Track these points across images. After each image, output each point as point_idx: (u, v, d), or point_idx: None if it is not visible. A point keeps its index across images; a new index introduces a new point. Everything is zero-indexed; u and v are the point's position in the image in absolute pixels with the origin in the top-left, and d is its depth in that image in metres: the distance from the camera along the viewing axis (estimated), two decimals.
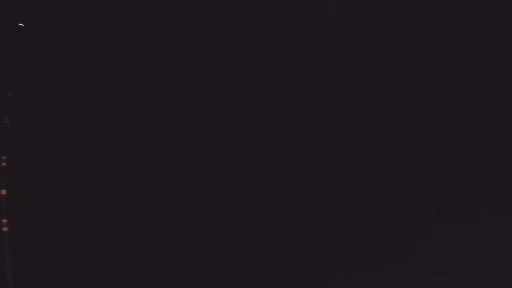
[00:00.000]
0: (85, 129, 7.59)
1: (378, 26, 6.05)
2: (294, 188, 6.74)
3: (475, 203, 5.29)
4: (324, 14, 7.29)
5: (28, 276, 4.73)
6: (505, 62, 6.76)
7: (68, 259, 6.22)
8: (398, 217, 5.82)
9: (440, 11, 6.33)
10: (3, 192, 3.98)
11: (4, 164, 4.04)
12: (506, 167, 7.69)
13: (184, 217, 7.37)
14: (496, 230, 3.72)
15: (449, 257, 3.51)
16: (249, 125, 8.70)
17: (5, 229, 3.91)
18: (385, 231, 5.99)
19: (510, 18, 6.51)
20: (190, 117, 8.02)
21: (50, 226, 6.52)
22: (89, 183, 7.18)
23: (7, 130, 4.20)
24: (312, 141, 7.35)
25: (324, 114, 7.54)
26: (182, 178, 7.57)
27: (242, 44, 8.51)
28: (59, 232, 6.52)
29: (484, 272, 3.62)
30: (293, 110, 7.48)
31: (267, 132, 7.66)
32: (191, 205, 7.43)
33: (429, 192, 7.83)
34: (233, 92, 8.45)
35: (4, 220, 3.92)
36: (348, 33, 6.52)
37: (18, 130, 4.54)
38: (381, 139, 5.35)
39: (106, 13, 7.82)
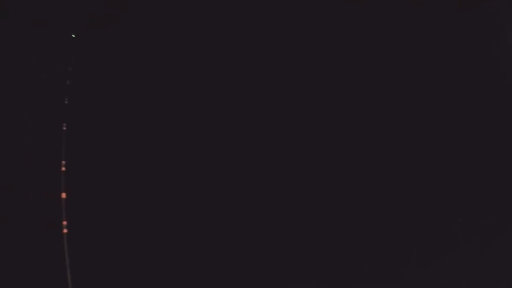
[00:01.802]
0: (141, 133, 7.75)
1: None
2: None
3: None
4: None
5: (86, 275, 4.81)
6: None
7: (125, 259, 6.31)
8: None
9: None
10: (63, 195, 4.04)
11: (63, 168, 4.11)
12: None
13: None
14: None
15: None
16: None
17: (65, 231, 3.97)
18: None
19: None
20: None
21: (108, 227, 6.62)
22: (144, 185, 7.33)
23: (65, 136, 4.27)
24: None
25: None
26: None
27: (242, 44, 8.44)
28: (117, 233, 6.63)
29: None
30: None
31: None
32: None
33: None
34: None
35: (64, 222, 3.99)
36: None
37: (76, 136, 4.59)
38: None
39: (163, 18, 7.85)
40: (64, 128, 4.48)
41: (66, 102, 4.66)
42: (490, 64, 7.34)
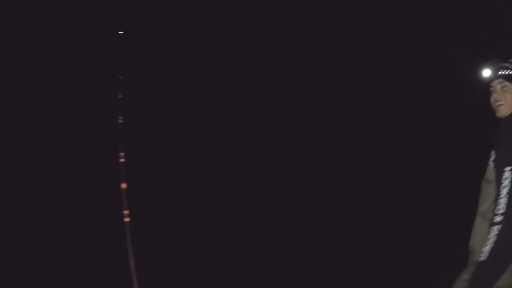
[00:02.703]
0: (196, 124, 7.92)
1: None
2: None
3: None
4: None
5: (149, 263, 4.91)
6: None
7: (184, 247, 6.43)
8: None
9: None
10: (123, 185, 4.13)
11: (122, 160, 4.21)
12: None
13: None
14: None
15: None
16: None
17: (126, 219, 4.05)
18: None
19: None
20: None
21: (168, 216, 6.77)
22: (201, 176, 7.50)
23: (122, 129, 4.41)
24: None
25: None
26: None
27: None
28: (177, 222, 6.77)
29: None
30: None
31: None
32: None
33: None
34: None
35: (126, 212, 4.07)
36: None
37: (133, 128, 4.69)
38: None
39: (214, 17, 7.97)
40: (121, 121, 4.63)
41: (120, 96, 4.82)
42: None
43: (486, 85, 2.96)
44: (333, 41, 8.72)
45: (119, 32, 5.31)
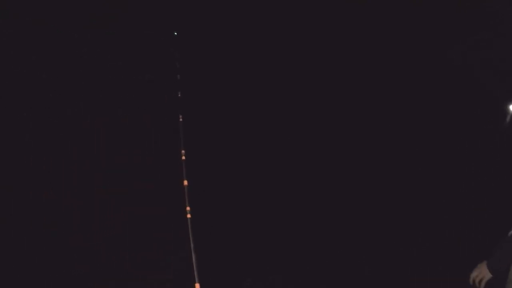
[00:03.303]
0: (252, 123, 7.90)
1: None
2: None
3: None
4: None
5: (209, 258, 4.94)
6: None
7: (243, 243, 6.46)
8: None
9: None
10: (185, 182, 4.15)
11: (184, 157, 4.24)
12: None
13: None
14: None
15: None
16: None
17: (188, 216, 4.08)
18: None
19: None
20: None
21: (227, 212, 6.81)
22: (260, 173, 7.51)
23: (183, 127, 4.45)
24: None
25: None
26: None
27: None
28: (234, 218, 6.81)
29: None
30: None
31: None
32: None
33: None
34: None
35: (188, 208, 4.09)
36: None
37: (193, 127, 4.73)
38: None
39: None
40: (181, 120, 4.70)
41: (179, 95, 4.90)
42: (489, 64, 7.36)
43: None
44: (333, 41, 8.73)
45: (175, 33, 5.40)
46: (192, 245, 4.07)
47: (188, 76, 6.19)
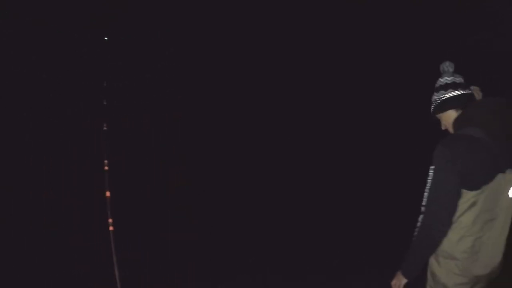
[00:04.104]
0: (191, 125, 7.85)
1: None
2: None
3: None
4: None
5: (133, 273, 4.92)
6: None
7: (172, 256, 6.40)
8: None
9: None
10: (108, 194, 4.08)
11: (106, 168, 4.16)
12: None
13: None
14: None
15: None
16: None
17: (111, 228, 4.02)
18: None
19: None
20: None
21: (153, 224, 6.74)
22: (194, 182, 7.38)
23: (106, 137, 4.35)
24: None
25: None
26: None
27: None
28: (162, 230, 6.73)
29: None
30: None
31: None
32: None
33: None
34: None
35: (110, 220, 4.03)
36: None
37: (116, 136, 4.70)
38: None
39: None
40: (105, 129, 4.55)
41: (105, 103, 4.75)
42: (489, 64, 7.35)
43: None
44: (333, 41, 8.73)
45: (105, 38, 5.29)
46: (114, 259, 3.99)
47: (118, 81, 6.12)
